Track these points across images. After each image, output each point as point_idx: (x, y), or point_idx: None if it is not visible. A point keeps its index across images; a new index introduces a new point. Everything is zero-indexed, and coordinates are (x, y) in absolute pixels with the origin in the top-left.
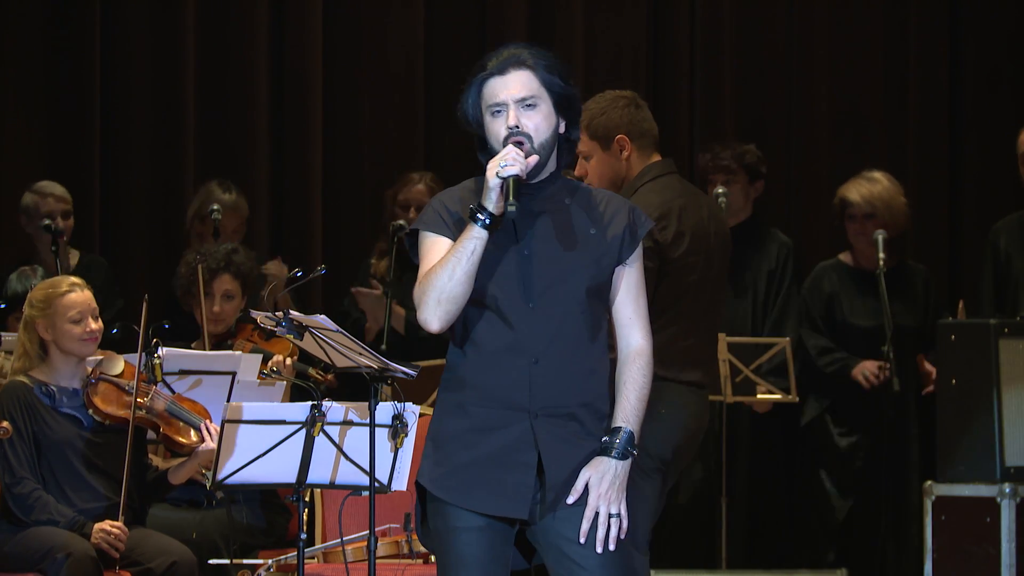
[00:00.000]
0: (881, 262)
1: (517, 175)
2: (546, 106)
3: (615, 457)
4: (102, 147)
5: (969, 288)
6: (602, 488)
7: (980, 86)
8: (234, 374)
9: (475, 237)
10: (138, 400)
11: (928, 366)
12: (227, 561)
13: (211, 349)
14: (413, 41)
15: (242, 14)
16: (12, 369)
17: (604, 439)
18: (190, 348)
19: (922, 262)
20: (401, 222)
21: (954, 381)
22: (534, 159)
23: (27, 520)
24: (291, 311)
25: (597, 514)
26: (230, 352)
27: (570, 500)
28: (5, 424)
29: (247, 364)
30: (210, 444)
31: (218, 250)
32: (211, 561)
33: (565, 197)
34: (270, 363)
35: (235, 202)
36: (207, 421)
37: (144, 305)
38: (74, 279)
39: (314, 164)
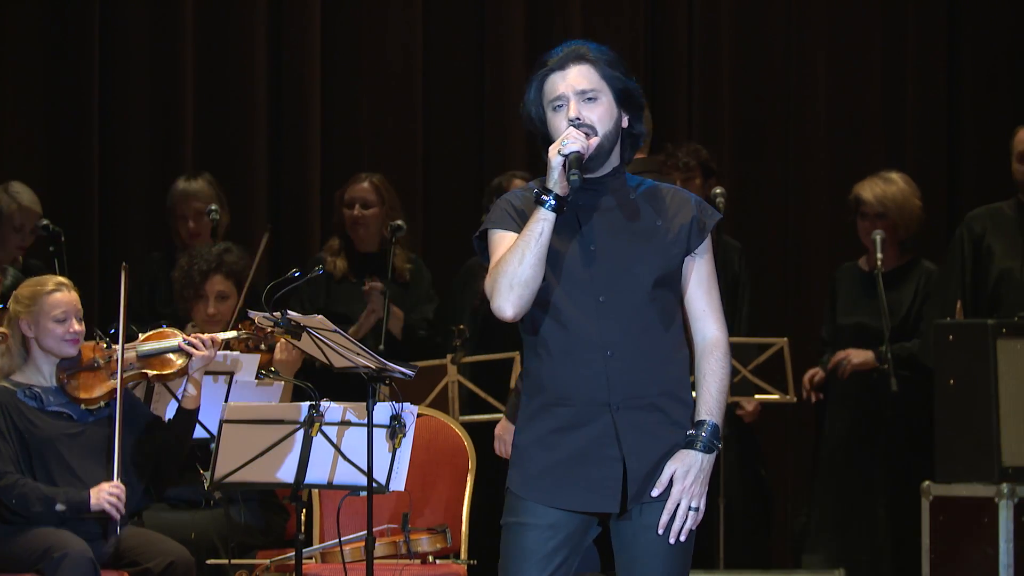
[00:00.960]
0: (879, 262)
1: (579, 152)
2: (607, 99)
3: (700, 450)
4: (101, 147)
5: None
6: (687, 482)
7: (978, 85)
8: (232, 374)
9: (542, 219)
10: (110, 364)
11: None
12: (225, 561)
13: None
14: (412, 41)
15: (241, 13)
16: None
17: (689, 432)
18: None
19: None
20: (399, 222)
21: (952, 381)
22: (595, 140)
23: (21, 513)
24: (289, 311)
25: (677, 506)
26: (229, 352)
27: (655, 492)
28: None
29: (246, 364)
30: (200, 353)
31: (209, 251)
32: (209, 561)
33: (629, 192)
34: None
35: (194, 188)
36: (183, 336)
37: (124, 273)
38: (61, 279)
39: (312, 164)
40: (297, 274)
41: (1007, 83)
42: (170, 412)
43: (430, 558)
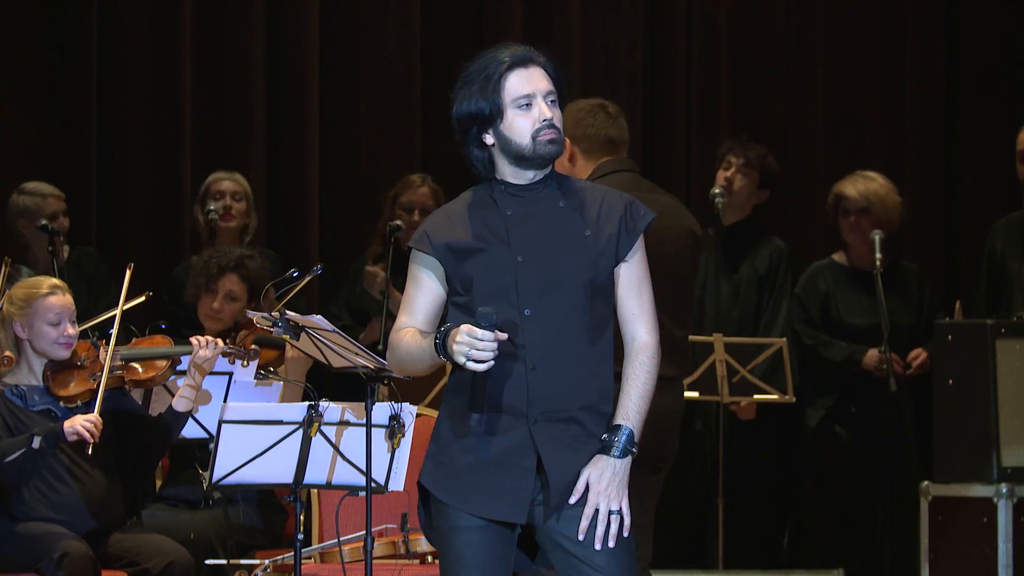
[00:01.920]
0: (878, 262)
1: (481, 375)
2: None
3: (615, 456)
4: (99, 146)
5: (966, 288)
6: (601, 485)
7: (977, 86)
8: (231, 374)
9: (434, 357)
10: (95, 367)
11: (916, 352)
12: (224, 561)
13: None
14: (410, 40)
15: (239, 13)
16: None
17: (604, 436)
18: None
19: (919, 262)
20: (398, 222)
21: (951, 381)
22: (503, 336)
23: (13, 478)
24: (288, 311)
25: (597, 511)
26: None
27: (572, 500)
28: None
29: (238, 366)
30: (201, 352)
31: (232, 252)
32: (208, 561)
33: (559, 199)
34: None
35: (233, 180)
36: (196, 338)
37: (128, 273)
38: (56, 281)
39: (311, 164)
40: (296, 274)
41: (1006, 84)
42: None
43: (429, 558)
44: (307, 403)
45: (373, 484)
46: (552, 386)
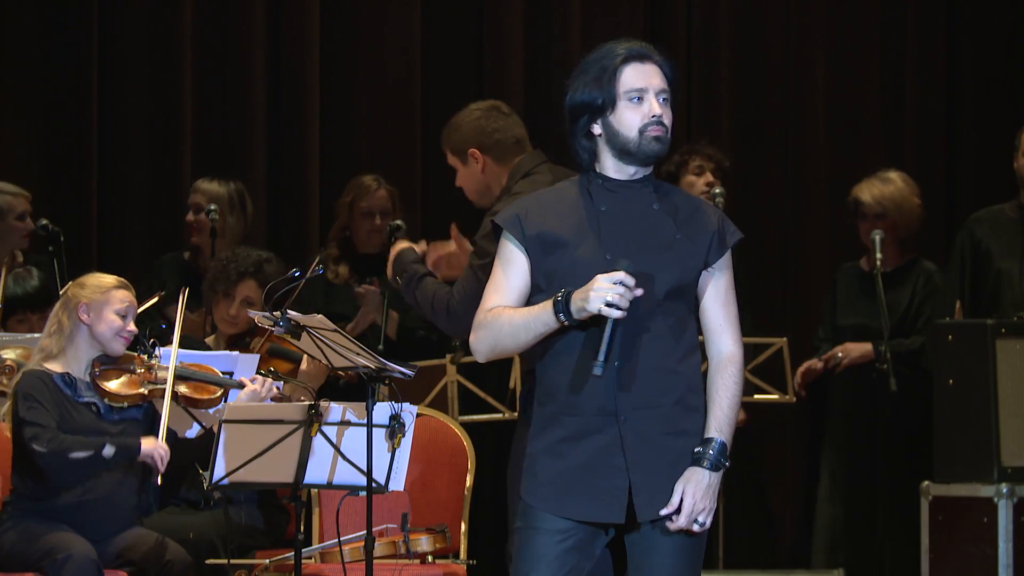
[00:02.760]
0: (878, 262)
1: (617, 322)
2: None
3: (707, 468)
4: (99, 146)
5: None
6: (695, 499)
7: (977, 86)
8: (231, 374)
9: (547, 323)
10: (147, 376)
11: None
12: (225, 561)
13: (226, 348)
14: (410, 40)
15: (239, 13)
16: (40, 347)
17: (696, 449)
18: (203, 343)
19: None
20: (399, 222)
21: (951, 381)
22: (640, 292)
23: (56, 460)
24: (289, 311)
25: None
26: (227, 352)
27: (664, 512)
28: (9, 362)
29: (245, 364)
30: (252, 388)
31: (251, 254)
32: (209, 561)
33: (653, 201)
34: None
35: (223, 192)
36: (243, 380)
37: (181, 298)
38: (124, 280)
39: (311, 164)
40: (297, 273)
41: (1006, 83)
42: (180, 425)
43: (429, 558)
44: (307, 403)
45: (374, 484)
46: (639, 383)
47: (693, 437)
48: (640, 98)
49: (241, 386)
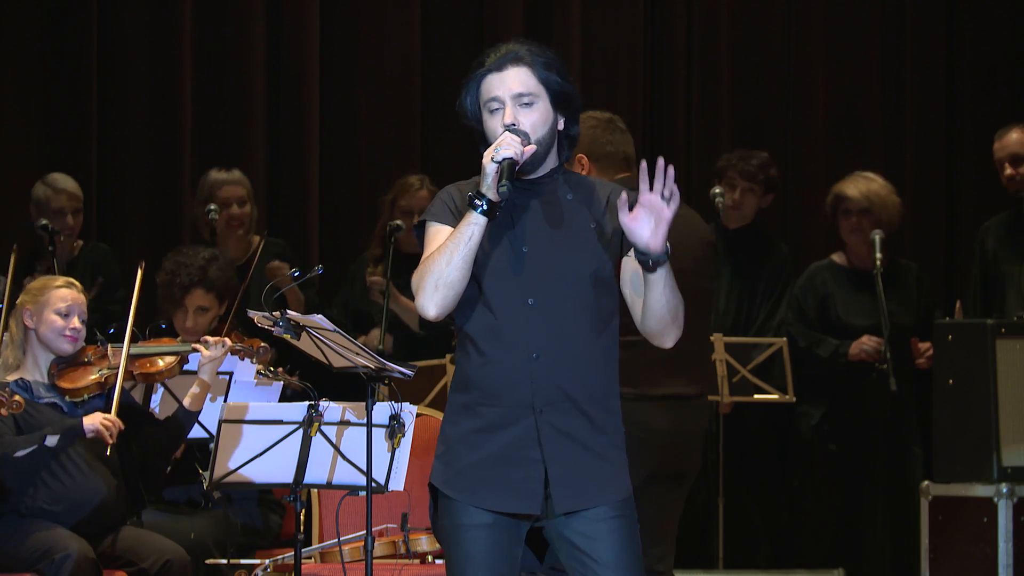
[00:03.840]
0: (878, 262)
1: (512, 159)
2: (543, 103)
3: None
4: (99, 144)
5: (966, 287)
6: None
7: (977, 86)
8: (231, 374)
9: (473, 223)
10: (101, 364)
11: (920, 345)
12: (224, 561)
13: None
14: (410, 40)
15: (239, 13)
16: (3, 360)
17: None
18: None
19: (919, 262)
20: (398, 222)
21: (951, 381)
22: (531, 148)
23: (13, 482)
24: (288, 310)
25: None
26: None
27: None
28: (17, 398)
29: (244, 364)
30: (206, 352)
31: (193, 263)
32: (208, 561)
33: (566, 192)
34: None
35: (233, 178)
36: (195, 344)
37: (140, 272)
38: (71, 279)
39: (311, 163)
40: (296, 273)
41: (1006, 84)
42: (166, 411)
43: (429, 558)
44: (307, 403)
45: (373, 484)
46: (557, 376)
47: (611, 436)
48: (498, 108)
49: (195, 351)
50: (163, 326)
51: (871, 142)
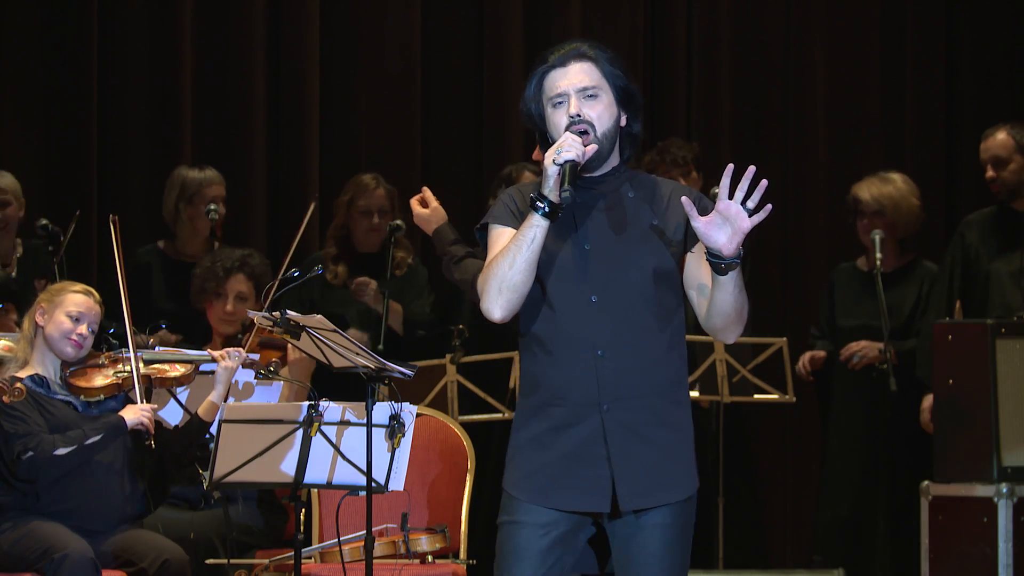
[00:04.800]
0: (878, 262)
1: (574, 161)
2: (607, 98)
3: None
4: (99, 144)
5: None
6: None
7: (977, 85)
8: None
9: (535, 225)
10: (114, 367)
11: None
12: (224, 561)
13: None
14: (410, 40)
15: (239, 13)
16: (14, 355)
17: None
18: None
19: None
20: (398, 222)
21: (951, 381)
22: (593, 148)
23: (43, 467)
24: (288, 310)
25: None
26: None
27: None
28: (19, 385)
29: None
30: (225, 363)
31: (232, 255)
32: (208, 561)
33: (628, 190)
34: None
35: (216, 177)
36: (210, 351)
37: (113, 226)
38: (90, 288)
39: (311, 164)
40: (296, 273)
41: (1006, 83)
42: (168, 415)
43: (429, 558)
44: (307, 403)
45: (373, 484)
46: (622, 373)
47: (679, 431)
48: (562, 102)
49: (213, 360)
50: (163, 325)
51: (871, 142)
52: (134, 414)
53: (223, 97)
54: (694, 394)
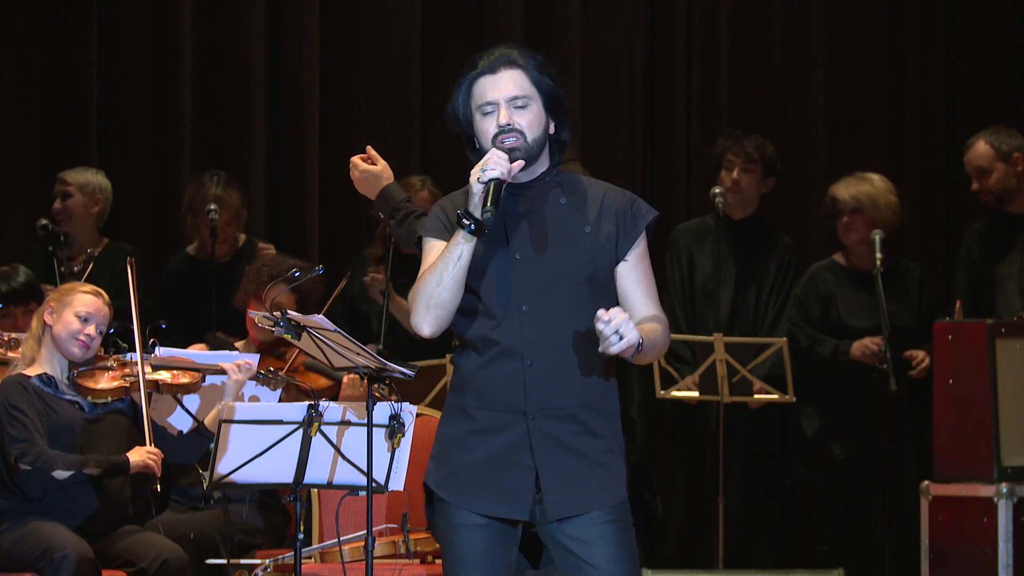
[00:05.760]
0: (878, 262)
1: (499, 179)
2: (536, 106)
3: None
4: (99, 144)
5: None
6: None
7: (977, 85)
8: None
9: (460, 243)
10: (123, 370)
11: (915, 354)
12: (225, 561)
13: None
14: (410, 40)
15: (239, 13)
16: (21, 353)
17: None
18: (233, 346)
19: (919, 262)
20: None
21: (951, 381)
22: (519, 164)
23: (40, 481)
24: (289, 311)
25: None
26: (227, 351)
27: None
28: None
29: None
30: (236, 376)
31: (286, 260)
32: (209, 561)
33: (560, 196)
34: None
35: (222, 196)
36: (220, 363)
37: (130, 267)
38: (99, 289)
39: (311, 163)
40: (296, 274)
41: (1006, 83)
42: (174, 421)
43: (429, 557)
44: (307, 403)
45: (373, 484)
46: (550, 383)
47: (607, 439)
48: (492, 111)
49: (222, 371)
50: (163, 325)
51: (871, 142)
52: (140, 456)
53: (223, 97)
54: (694, 394)
